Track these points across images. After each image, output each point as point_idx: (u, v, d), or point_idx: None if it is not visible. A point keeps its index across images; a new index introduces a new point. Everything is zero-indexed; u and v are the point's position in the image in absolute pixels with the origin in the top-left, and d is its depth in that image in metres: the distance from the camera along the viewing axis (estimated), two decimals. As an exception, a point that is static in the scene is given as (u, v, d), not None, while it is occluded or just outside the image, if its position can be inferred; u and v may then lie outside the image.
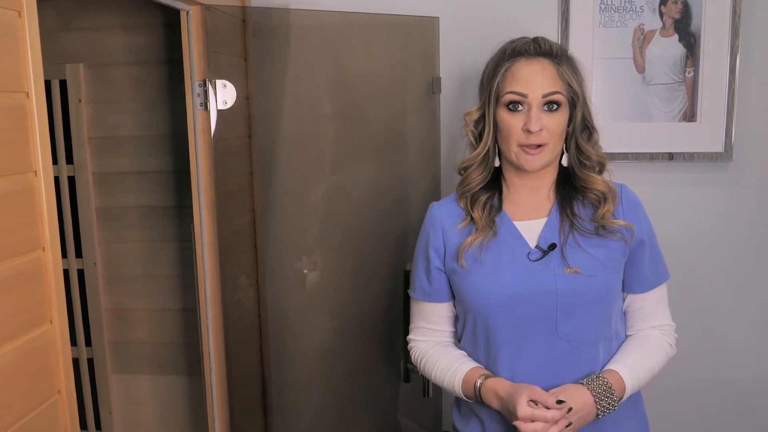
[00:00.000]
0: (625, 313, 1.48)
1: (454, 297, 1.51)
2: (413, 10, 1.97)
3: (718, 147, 1.96)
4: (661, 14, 1.94)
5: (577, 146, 1.42)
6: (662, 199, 1.49)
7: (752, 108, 1.95)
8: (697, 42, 1.93)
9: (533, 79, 1.36)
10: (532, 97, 1.35)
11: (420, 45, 2.02)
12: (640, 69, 1.96)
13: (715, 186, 2.01)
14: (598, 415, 1.33)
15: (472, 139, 1.47)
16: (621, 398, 1.36)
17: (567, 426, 1.29)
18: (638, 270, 1.43)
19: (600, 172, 1.44)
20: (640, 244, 1.42)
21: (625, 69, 1.95)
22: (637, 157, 1.98)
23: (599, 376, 1.36)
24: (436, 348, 1.53)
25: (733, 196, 2.01)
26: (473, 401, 1.44)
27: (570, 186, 1.44)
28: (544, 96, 1.35)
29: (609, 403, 1.33)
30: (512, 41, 1.44)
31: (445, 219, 1.49)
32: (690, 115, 1.96)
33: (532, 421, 1.28)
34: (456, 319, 1.55)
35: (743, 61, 1.92)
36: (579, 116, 1.40)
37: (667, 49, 1.94)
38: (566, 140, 1.42)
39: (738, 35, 1.90)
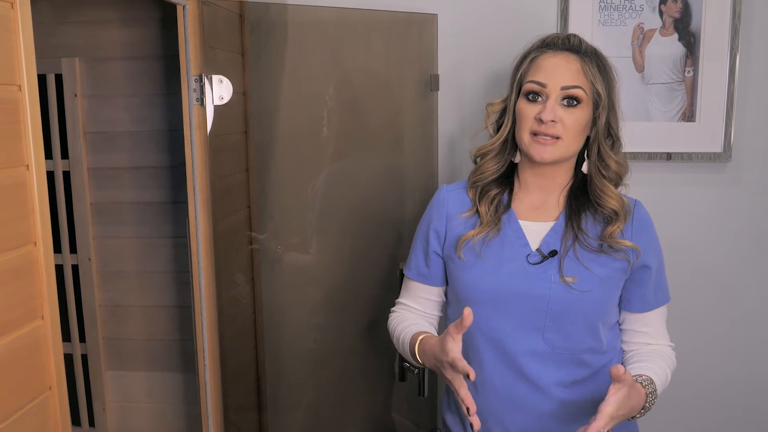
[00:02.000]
0: (622, 330, 1.48)
1: (447, 282, 1.51)
2: (412, 7, 1.96)
3: (717, 147, 1.95)
4: (661, 13, 1.93)
5: (599, 153, 1.39)
6: (660, 200, 1.48)
7: (751, 108, 1.95)
8: (697, 41, 1.92)
9: (555, 71, 1.35)
10: (551, 87, 1.34)
11: (418, 42, 2.01)
12: (639, 68, 1.95)
13: (713, 186, 2.00)
14: (633, 418, 1.31)
15: (491, 130, 1.47)
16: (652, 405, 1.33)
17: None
18: (641, 290, 1.42)
19: (617, 185, 1.41)
20: (645, 267, 1.40)
21: (624, 68, 1.94)
22: (634, 156, 1.97)
23: (651, 380, 1.32)
24: (408, 316, 1.54)
25: (732, 197, 2.00)
26: (417, 363, 1.43)
27: (583, 197, 1.41)
28: (563, 88, 1.33)
29: (645, 412, 1.31)
30: (544, 36, 1.43)
31: (451, 205, 1.48)
32: (689, 115, 1.95)
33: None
34: (444, 305, 1.54)
35: (743, 62, 1.91)
36: (602, 120, 1.37)
37: (667, 48, 1.93)
38: (589, 146, 1.40)
39: (738, 35, 1.89)
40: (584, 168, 1.41)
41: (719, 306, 2.06)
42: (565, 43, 1.39)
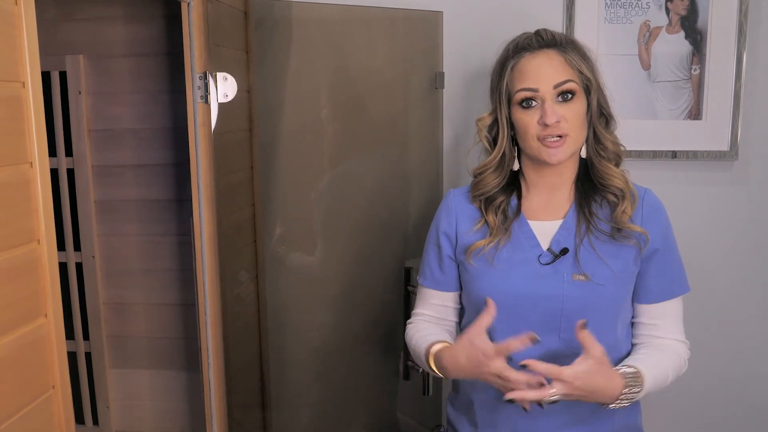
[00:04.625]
0: (632, 323, 1.45)
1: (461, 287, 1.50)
2: (417, 4, 1.95)
3: (724, 146, 1.94)
4: (668, 11, 1.92)
5: (595, 135, 1.38)
6: (665, 198, 1.46)
7: (758, 106, 1.94)
8: (704, 39, 1.91)
9: (542, 72, 1.33)
10: (544, 90, 1.32)
11: (423, 39, 2.01)
12: (646, 66, 1.94)
13: (719, 185, 1.99)
14: (605, 405, 1.27)
15: (486, 144, 1.44)
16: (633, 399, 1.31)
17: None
18: (646, 279, 1.40)
19: (617, 164, 1.40)
20: (653, 252, 1.38)
21: (631, 66, 1.93)
22: (640, 154, 1.96)
23: (637, 374, 1.29)
24: (426, 325, 1.52)
25: (738, 196, 1.99)
26: (436, 375, 1.41)
27: (589, 184, 1.40)
28: (556, 86, 1.32)
29: (626, 401, 1.28)
30: (514, 39, 1.41)
31: (460, 212, 1.47)
32: (695, 113, 1.94)
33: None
34: (461, 311, 1.53)
35: (750, 59, 1.90)
36: (595, 102, 1.37)
37: (673, 46, 1.92)
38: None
39: (745, 33, 1.88)
40: (582, 152, 1.40)
41: (724, 305, 2.05)
42: (540, 41, 1.37)
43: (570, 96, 1.34)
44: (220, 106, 1.70)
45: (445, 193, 1.99)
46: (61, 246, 2.34)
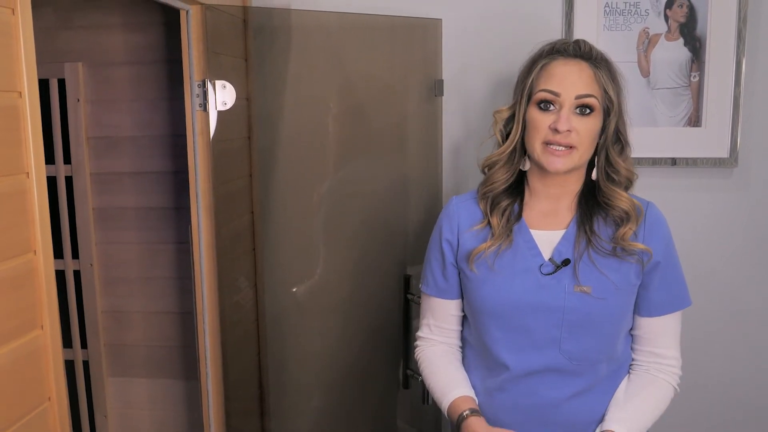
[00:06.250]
0: (631, 334, 1.45)
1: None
2: (416, 12, 1.95)
3: (723, 152, 1.94)
4: (666, 18, 1.91)
5: (607, 158, 1.37)
6: (664, 205, 1.45)
7: (758, 113, 1.93)
8: (703, 46, 1.91)
9: (568, 79, 1.32)
10: (565, 96, 1.31)
11: (422, 47, 2.00)
12: (645, 73, 1.94)
13: (719, 191, 1.99)
14: None
15: (499, 137, 1.43)
16: None
17: None
18: (647, 293, 1.39)
19: (627, 188, 1.39)
20: (655, 265, 1.37)
21: (630, 73, 1.93)
22: (639, 162, 1.95)
23: None
24: (439, 359, 1.51)
25: (738, 202, 1.99)
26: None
27: (593, 201, 1.39)
28: (578, 97, 1.31)
29: None
30: (551, 41, 1.40)
31: (462, 217, 1.46)
32: (695, 120, 1.94)
33: None
34: (464, 318, 1.53)
35: (749, 66, 1.90)
36: (612, 126, 1.35)
37: (672, 53, 1.92)
38: (596, 152, 1.37)
39: (744, 40, 1.88)
40: (593, 175, 1.39)
41: (725, 312, 2.04)
42: (576, 50, 1.36)
43: (588, 111, 1.32)
44: (219, 113, 1.70)
45: (444, 199, 1.99)
46: (59, 254, 2.34)
